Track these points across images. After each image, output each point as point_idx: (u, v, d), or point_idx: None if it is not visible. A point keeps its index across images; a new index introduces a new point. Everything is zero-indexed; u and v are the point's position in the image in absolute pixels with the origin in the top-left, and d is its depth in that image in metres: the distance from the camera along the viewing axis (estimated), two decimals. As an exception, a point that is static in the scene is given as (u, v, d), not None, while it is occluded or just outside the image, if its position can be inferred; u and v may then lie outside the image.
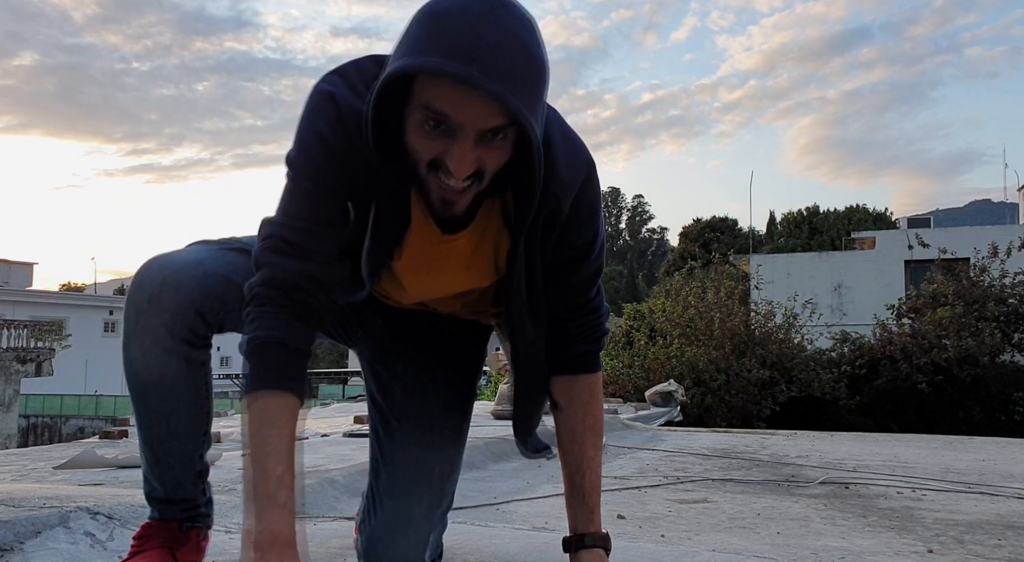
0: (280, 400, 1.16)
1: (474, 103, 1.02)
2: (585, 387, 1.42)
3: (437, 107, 1.04)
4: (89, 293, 45.20)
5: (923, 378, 12.15)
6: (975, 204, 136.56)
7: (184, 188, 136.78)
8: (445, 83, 1.01)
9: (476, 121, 1.04)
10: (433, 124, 1.05)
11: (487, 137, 1.06)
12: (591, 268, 1.36)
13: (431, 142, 1.07)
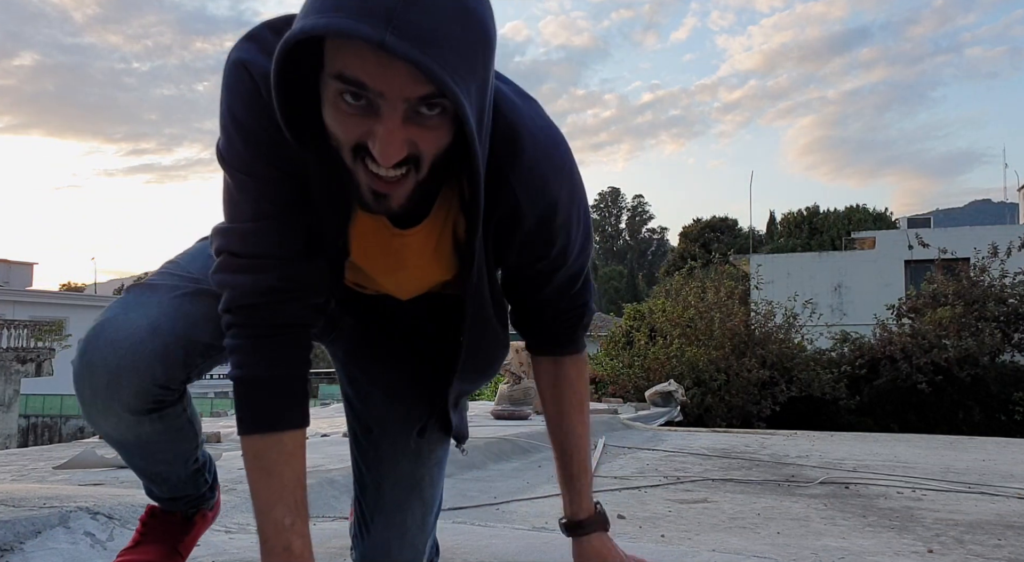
0: (275, 444, 1.07)
1: (396, 68, 0.84)
2: (571, 366, 1.34)
3: (351, 74, 0.86)
4: (89, 293, 45.19)
5: (923, 378, 12.15)
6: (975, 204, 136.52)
7: (184, 188, 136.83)
8: (358, 46, 0.84)
9: (400, 89, 0.86)
10: (351, 97, 0.87)
11: (417, 112, 0.88)
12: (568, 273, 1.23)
13: (351, 121, 0.89)
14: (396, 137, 0.88)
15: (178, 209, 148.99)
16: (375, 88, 0.86)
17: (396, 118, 0.87)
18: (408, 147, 0.90)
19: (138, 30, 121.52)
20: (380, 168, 0.90)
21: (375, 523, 1.39)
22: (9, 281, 36.76)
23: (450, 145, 0.95)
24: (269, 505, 1.06)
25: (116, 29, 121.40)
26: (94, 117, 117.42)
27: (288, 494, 1.07)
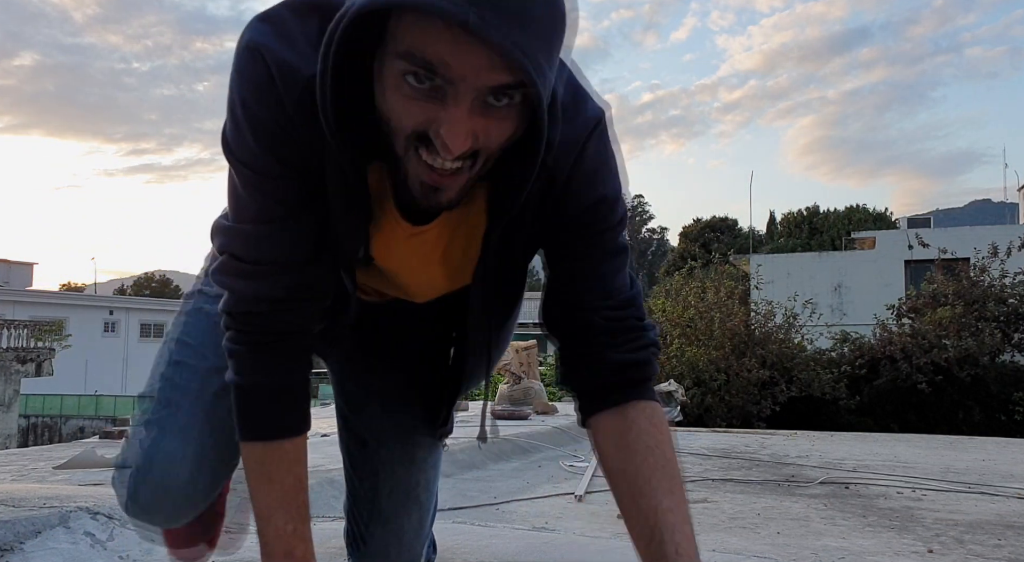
0: (276, 450, 1.04)
1: (474, 52, 0.76)
2: (639, 414, 1.03)
3: (421, 54, 0.77)
4: (89, 293, 45.20)
5: (923, 378, 12.14)
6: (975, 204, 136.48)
7: (184, 188, 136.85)
8: (433, 23, 0.75)
9: (475, 76, 0.77)
10: (415, 79, 0.78)
11: (489, 101, 0.80)
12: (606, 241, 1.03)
13: (413, 106, 0.80)
14: (464, 127, 0.79)
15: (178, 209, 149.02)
16: (446, 72, 0.77)
17: (464, 106, 0.79)
18: (473, 139, 0.81)
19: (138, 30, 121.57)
20: (438, 159, 0.82)
21: (372, 533, 1.37)
22: (9, 281, 36.75)
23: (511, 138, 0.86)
24: (270, 511, 1.04)
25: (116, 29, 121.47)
26: (94, 117, 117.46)
27: (290, 500, 1.04)
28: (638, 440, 1.01)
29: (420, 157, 0.83)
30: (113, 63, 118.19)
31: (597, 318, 1.04)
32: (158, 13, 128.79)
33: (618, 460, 1.02)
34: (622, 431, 1.02)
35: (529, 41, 0.76)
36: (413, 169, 0.85)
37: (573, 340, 1.07)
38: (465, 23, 0.72)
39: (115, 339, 36.83)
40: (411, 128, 0.82)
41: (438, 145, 0.80)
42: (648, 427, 1.02)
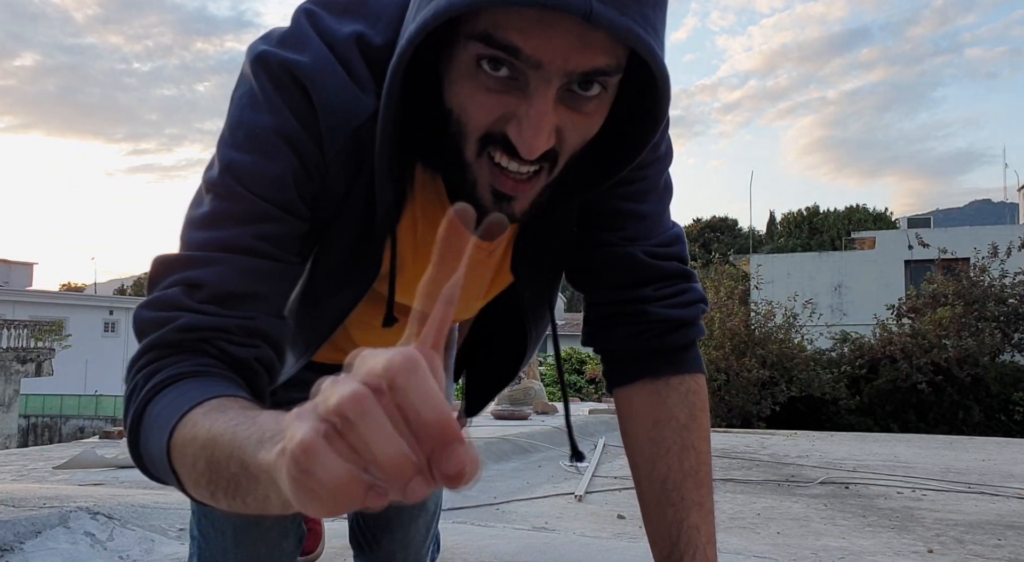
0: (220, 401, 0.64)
1: (563, 30, 0.63)
2: (679, 401, 0.90)
3: (503, 36, 0.64)
4: (89, 293, 45.20)
5: (923, 378, 12.14)
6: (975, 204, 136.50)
7: (184, 188, 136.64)
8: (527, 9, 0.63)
9: (565, 59, 0.65)
10: (495, 64, 0.66)
11: (575, 91, 0.68)
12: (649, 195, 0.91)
13: (488, 99, 0.68)
14: (547, 122, 0.67)
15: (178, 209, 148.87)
16: (532, 55, 0.65)
17: (550, 97, 0.67)
18: (553, 137, 0.70)
19: (139, 30, 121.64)
20: (513, 162, 0.70)
21: (379, 541, 1.37)
22: (9, 281, 36.75)
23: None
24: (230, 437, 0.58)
25: (117, 29, 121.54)
26: (95, 117, 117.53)
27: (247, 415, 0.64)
28: (674, 436, 0.89)
29: (493, 160, 0.71)
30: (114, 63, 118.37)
31: (639, 253, 0.91)
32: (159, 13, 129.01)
33: (648, 454, 0.90)
34: (657, 420, 0.90)
35: (646, 13, 0.64)
36: (484, 176, 0.73)
37: (608, 286, 0.93)
38: (589, 14, 0.61)
39: (115, 339, 36.83)
40: (485, 126, 0.70)
41: (516, 144, 0.68)
42: (688, 420, 0.90)
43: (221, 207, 0.76)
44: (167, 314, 0.73)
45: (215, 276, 0.74)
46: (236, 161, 0.76)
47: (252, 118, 0.76)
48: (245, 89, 0.78)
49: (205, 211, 0.76)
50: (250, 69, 0.77)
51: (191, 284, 0.74)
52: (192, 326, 0.72)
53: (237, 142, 0.76)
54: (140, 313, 0.75)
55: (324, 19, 0.78)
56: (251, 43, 0.80)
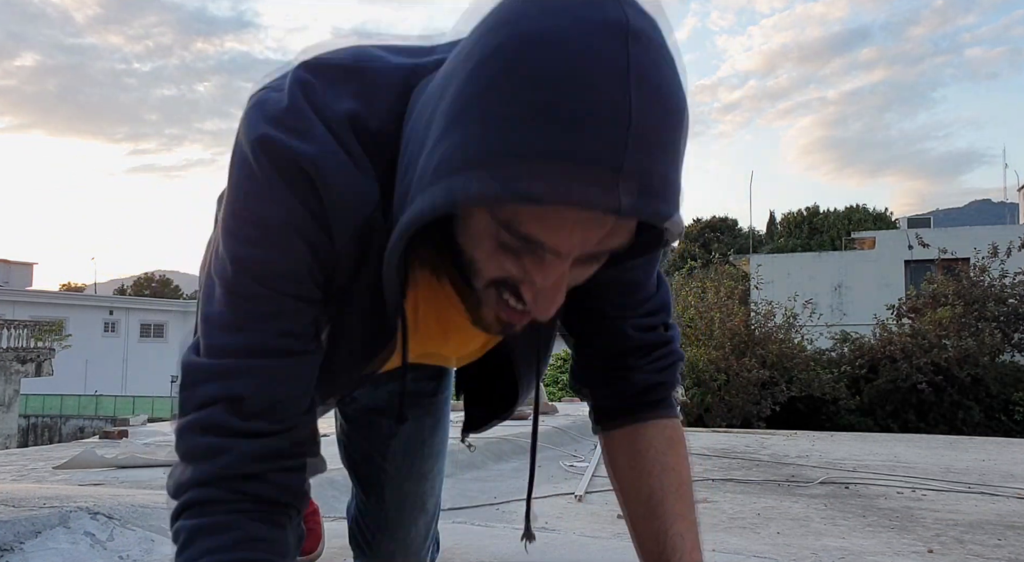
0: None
1: (587, 223, 0.63)
2: (657, 433, 0.96)
3: (526, 231, 0.64)
4: (89, 293, 45.20)
5: (923, 378, 12.15)
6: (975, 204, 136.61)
7: (184, 188, 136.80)
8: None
9: (583, 245, 0.66)
10: (512, 244, 0.67)
11: (595, 256, 0.69)
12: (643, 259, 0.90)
13: (504, 259, 0.69)
14: (561, 288, 0.69)
15: (178, 209, 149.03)
16: (554, 247, 0.65)
17: (565, 268, 0.68)
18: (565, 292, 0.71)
19: (139, 30, 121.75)
20: (520, 303, 0.71)
21: (379, 542, 1.36)
22: (9, 281, 36.76)
23: None
24: None
25: (117, 30, 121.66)
26: (95, 117, 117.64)
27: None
28: (655, 461, 0.94)
29: (502, 298, 0.72)
30: (114, 63, 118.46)
31: (628, 328, 0.95)
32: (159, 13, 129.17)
33: (631, 479, 0.96)
34: (638, 450, 0.95)
35: (670, 189, 0.64)
36: (490, 304, 0.74)
37: (597, 352, 0.98)
38: (618, 209, 0.61)
39: (115, 339, 36.84)
40: (499, 276, 0.70)
41: (530, 306, 0.70)
42: (665, 448, 0.96)
43: (241, 307, 0.76)
44: (217, 441, 0.76)
45: (253, 388, 0.76)
46: (249, 257, 0.75)
47: (260, 210, 0.75)
48: (247, 174, 0.75)
49: (225, 312, 0.77)
50: (251, 153, 0.74)
51: (231, 399, 0.75)
52: (245, 456, 0.75)
53: (247, 236, 0.75)
54: (188, 437, 0.77)
55: (320, 94, 0.75)
56: (247, 113, 0.76)
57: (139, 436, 4.94)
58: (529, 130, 0.59)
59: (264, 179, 0.74)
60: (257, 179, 0.74)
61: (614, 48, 0.60)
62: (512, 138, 0.60)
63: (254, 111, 0.76)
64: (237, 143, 0.77)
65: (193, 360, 0.78)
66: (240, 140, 0.76)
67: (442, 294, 0.87)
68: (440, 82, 0.70)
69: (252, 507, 0.76)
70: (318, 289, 0.79)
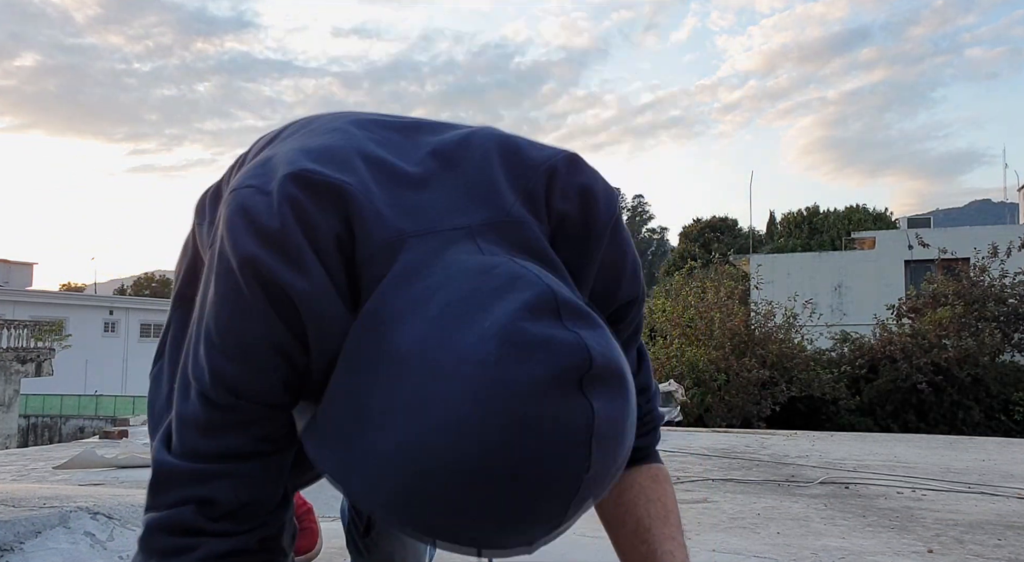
0: None
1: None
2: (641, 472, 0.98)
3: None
4: (89, 293, 45.21)
5: (923, 378, 12.15)
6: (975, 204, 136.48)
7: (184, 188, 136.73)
8: None
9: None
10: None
11: None
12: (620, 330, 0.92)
13: None
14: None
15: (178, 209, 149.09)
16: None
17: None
18: None
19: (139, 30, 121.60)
20: None
21: (376, 542, 1.36)
22: (9, 281, 36.76)
23: None
24: None
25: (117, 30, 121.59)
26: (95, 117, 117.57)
27: None
28: (639, 494, 0.96)
29: None
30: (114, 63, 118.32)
31: None
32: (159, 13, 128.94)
33: (616, 514, 0.97)
34: (622, 488, 0.96)
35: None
36: None
37: None
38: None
39: (115, 339, 36.84)
40: None
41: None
42: (650, 483, 0.98)
43: (216, 416, 0.77)
44: (185, 540, 0.76)
45: (224, 492, 0.76)
46: (228, 372, 0.76)
47: (242, 327, 0.74)
48: (231, 288, 0.74)
49: (199, 415, 0.77)
50: (239, 272, 0.73)
51: (202, 501, 0.76)
52: (212, 555, 0.76)
53: (227, 351, 0.76)
54: (155, 537, 0.77)
55: (310, 215, 0.74)
56: (232, 217, 0.75)
57: (139, 436, 4.95)
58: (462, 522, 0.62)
59: (251, 299, 0.73)
60: (244, 298, 0.74)
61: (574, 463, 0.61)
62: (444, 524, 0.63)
63: (240, 219, 0.74)
64: (223, 255, 0.75)
65: (166, 460, 0.79)
66: (226, 254, 0.75)
67: None
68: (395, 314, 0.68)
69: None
70: (294, 397, 0.79)
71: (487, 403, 0.59)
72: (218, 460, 0.77)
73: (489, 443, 0.59)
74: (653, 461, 1.01)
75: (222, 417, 0.77)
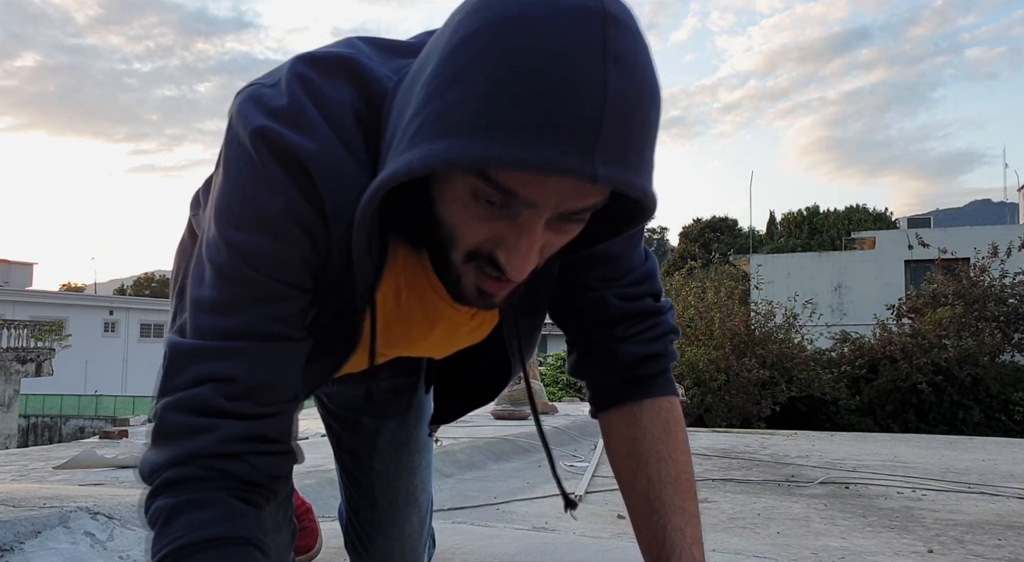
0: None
1: (562, 180, 0.66)
2: (653, 418, 0.96)
3: (503, 181, 0.66)
4: (89, 293, 45.18)
5: (923, 378, 12.14)
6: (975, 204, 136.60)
7: (185, 188, 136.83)
8: None
9: (559, 202, 0.68)
10: (489, 201, 0.68)
11: (568, 217, 0.71)
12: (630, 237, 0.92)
13: (480, 225, 0.71)
14: (535, 249, 0.71)
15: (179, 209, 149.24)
16: (527, 199, 0.67)
17: (539, 228, 0.70)
18: (539, 255, 0.73)
19: (139, 31, 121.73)
20: (498, 271, 0.73)
21: (375, 542, 1.36)
22: (9, 281, 36.76)
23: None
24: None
25: (118, 30, 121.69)
26: (95, 117, 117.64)
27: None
28: (651, 448, 0.94)
29: (480, 268, 0.74)
30: (114, 64, 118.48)
31: (611, 297, 0.96)
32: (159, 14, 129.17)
33: (629, 469, 0.95)
34: (634, 438, 0.95)
35: (647, 159, 0.68)
36: (469, 276, 0.76)
37: (583, 327, 0.99)
38: (595, 176, 0.63)
39: (115, 339, 36.82)
40: (475, 244, 0.72)
41: (505, 267, 0.72)
42: (662, 434, 0.95)
43: (234, 291, 0.76)
44: (202, 421, 0.74)
45: (242, 370, 0.75)
46: (245, 243, 0.75)
47: (258, 198, 0.75)
48: (245, 163, 0.75)
49: (216, 295, 0.76)
50: (249, 143, 0.74)
51: (220, 380, 0.74)
52: (229, 438, 0.74)
53: (244, 223, 0.75)
54: (170, 416, 0.75)
55: (318, 85, 0.76)
56: (242, 106, 0.76)
57: (139, 436, 4.95)
58: (508, 101, 0.62)
59: (264, 169, 0.74)
60: (257, 169, 0.74)
61: (591, 29, 0.63)
62: (491, 108, 0.62)
63: (249, 103, 0.76)
64: (232, 135, 0.77)
65: (180, 341, 0.77)
66: (236, 132, 0.76)
67: (424, 280, 0.88)
68: (418, 66, 0.72)
69: (229, 485, 0.75)
70: (310, 278, 0.79)
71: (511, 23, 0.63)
72: (235, 338, 0.75)
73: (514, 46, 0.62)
74: (666, 391, 0.98)
75: (241, 293, 0.76)
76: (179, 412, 0.75)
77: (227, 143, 0.78)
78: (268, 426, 0.77)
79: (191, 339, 0.77)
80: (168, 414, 0.75)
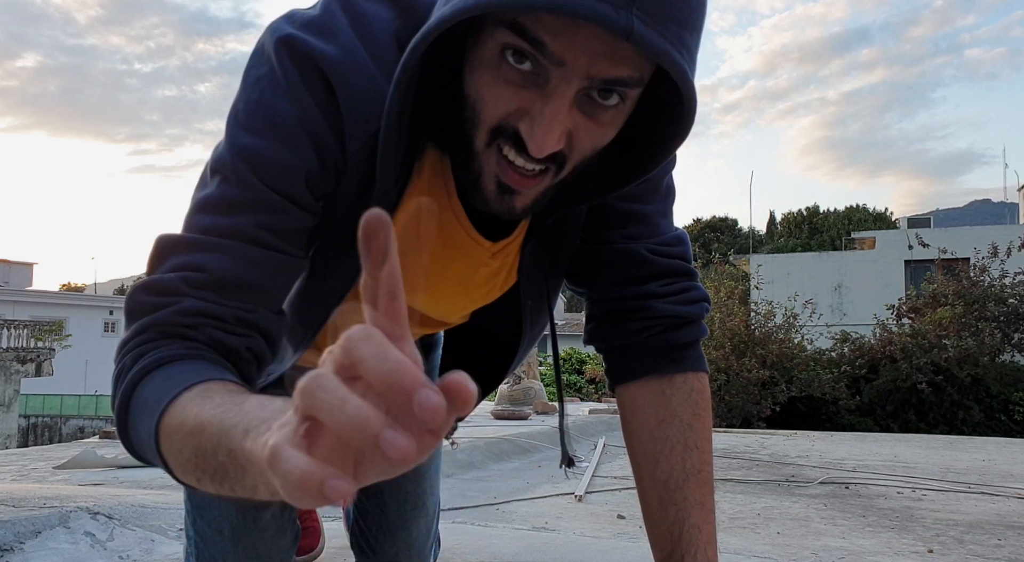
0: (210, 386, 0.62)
1: (593, 35, 0.63)
2: (684, 400, 0.90)
3: (533, 31, 0.64)
4: (89, 293, 45.19)
5: (923, 378, 12.15)
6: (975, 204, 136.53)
7: (185, 188, 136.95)
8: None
9: (589, 63, 0.65)
10: (519, 57, 0.66)
11: (590, 97, 0.68)
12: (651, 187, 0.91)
13: (507, 91, 0.68)
14: (560, 122, 0.67)
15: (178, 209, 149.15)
16: (557, 52, 0.65)
17: (567, 98, 0.67)
18: (564, 139, 0.69)
19: (140, 31, 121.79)
20: (520, 157, 0.70)
21: (382, 544, 1.36)
22: (9, 281, 36.75)
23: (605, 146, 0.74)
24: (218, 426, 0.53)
25: (118, 30, 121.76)
26: (96, 118, 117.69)
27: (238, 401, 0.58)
28: (678, 435, 0.88)
29: (502, 152, 0.71)
30: (115, 64, 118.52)
31: (644, 250, 0.91)
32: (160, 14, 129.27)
33: (650, 453, 0.90)
34: (661, 420, 0.89)
35: (683, 36, 0.65)
36: (490, 166, 0.73)
37: (615, 281, 0.93)
38: (629, 33, 0.61)
39: (115, 339, 36.45)
40: (499, 117, 0.70)
41: (527, 140, 0.68)
42: (691, 419, 0.89)
43: (229, 193, 0.74)
44: (164, 299, 0.71)
45: (216, 263, 0.72)
46: (250, 147, 0.73)
47: (273, 103, 0.73)
48: (265, 70, 0.74)
49: (211, 194, 0.74)
50: (272, 50, 0.74)
51: (192, 268, 0.72)
52: (187, 310, 0.70)
53: (254, 126, 0.74)
54: (136, 296, 0.74)
55: (360, 6, 0.76)
56: (274, 22, 0.76)
57: (139, 436, 4.93)
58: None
59: (282, 75, 0.73)
60: (275, 75, 0.74)
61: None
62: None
63: (282, 18, 0.77)
64: (257, 47, 0.77)
65: (167, 234, 0.75)
66: (262, 43, 0.76)
67: (447, 203, 0.85)
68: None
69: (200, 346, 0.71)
70: (314, 198, 0.77)
71: None
72: (220, 235, 0.73)
73: None
74: (697, 366, 0.93)
75: (238, 196, 0.73)
76: (145, 292, 0.73)
77: (251, 56, 0.77)
78: (228, 313, 0.72)
79: (181, 233, 0.75)
80: (134, 294, 0.74)
